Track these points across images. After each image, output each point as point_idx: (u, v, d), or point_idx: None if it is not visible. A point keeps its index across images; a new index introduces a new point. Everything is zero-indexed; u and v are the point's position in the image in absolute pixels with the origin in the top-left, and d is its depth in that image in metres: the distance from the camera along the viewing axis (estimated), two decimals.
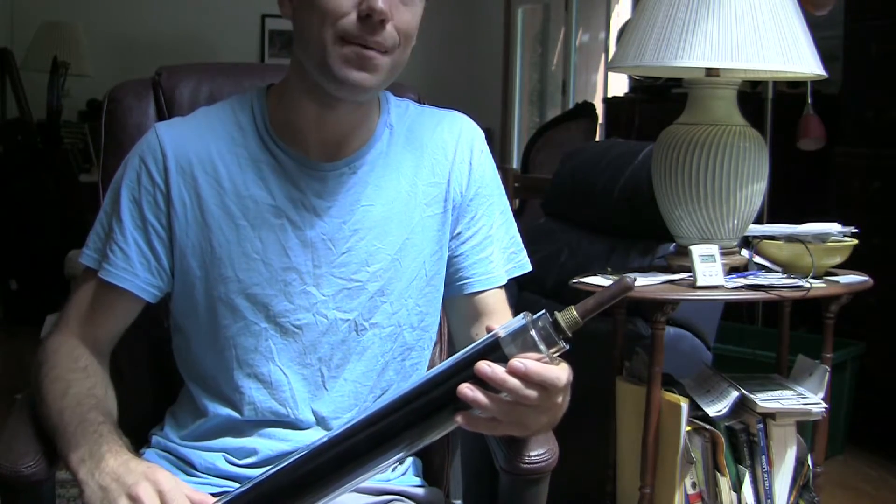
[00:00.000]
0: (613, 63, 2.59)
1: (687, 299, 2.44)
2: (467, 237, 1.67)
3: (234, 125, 1.61)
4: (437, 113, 1.72)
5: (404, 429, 1.29)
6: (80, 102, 7.21)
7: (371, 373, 1.63)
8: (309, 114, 1.57)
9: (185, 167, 1.57)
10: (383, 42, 1.47)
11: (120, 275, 1.57)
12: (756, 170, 2.48)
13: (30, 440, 1.51)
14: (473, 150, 1.69)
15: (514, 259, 1.73)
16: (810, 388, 2.56)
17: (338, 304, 1.59)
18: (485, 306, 1.68)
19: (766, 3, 2.35)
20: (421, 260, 1.63)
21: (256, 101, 1.63)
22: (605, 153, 3.50)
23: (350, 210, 1.59)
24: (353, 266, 1.59)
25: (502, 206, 1.72)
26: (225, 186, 1.57)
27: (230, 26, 7.75)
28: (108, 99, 1.96)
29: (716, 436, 2.45)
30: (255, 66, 5.08)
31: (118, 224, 1.58)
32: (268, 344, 1.58)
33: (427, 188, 1.64)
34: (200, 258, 1.57)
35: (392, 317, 1.62)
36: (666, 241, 2.79)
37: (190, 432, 1.65)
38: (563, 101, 7.03)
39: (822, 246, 2.53)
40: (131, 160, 1.60)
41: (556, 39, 7.38)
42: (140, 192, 1.58)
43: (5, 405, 4.16)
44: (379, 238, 1.60)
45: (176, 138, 1.59)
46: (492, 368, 1.22)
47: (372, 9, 1.43)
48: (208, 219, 1.57)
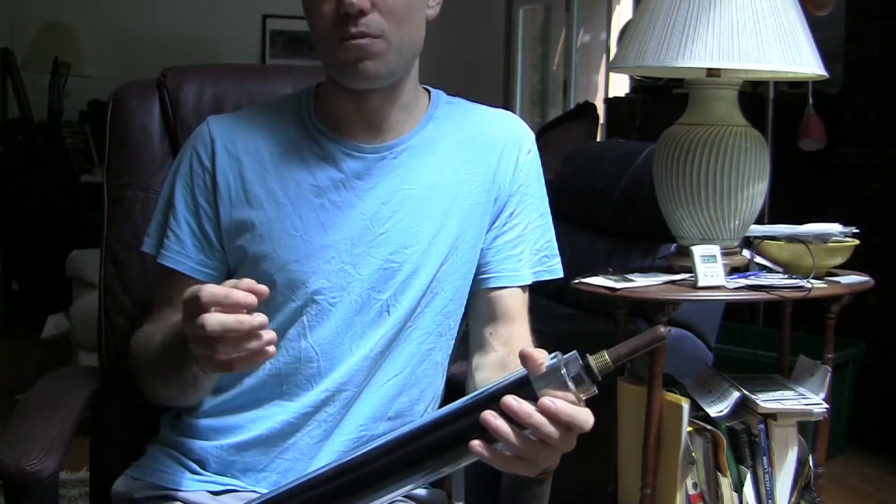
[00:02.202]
0: (614, 63, 2.59)
1: (688, 300, 2.44)
2: (502, 232, 1.70)
3: (280, 116, 1.69)
4: (489, 110, 1.76)
5: (423, 458, 1.28)
6: (81, 103, 7.22)
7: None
8: (347, 105, 1.63)
9: (230, 151, 1.64)
10: (367, 30, 1.52)
11: (175, 258, 1.63)
12: (757, 170, 2.48)
13: (33, 439, 1.51)
14: (522, 149, 1.72)
15: (545, 262, 1.73)
16: (811, 388, 2.56)
17: (373, 283, 1.61)
18: (504, 307, 1.69)
19: (767, 4, 2.35)
20: (456, 245, 1.65)
21: (304, 97, 1.70)
22: (606, 153, 3.51)
23: (391, 192, 1.63)
24: (391, 247, 1.61)
25: (542, 209, 1.75)
26: (268, 168, 1.62)
27: (231, 27, 7.75)
28: (113, 99, 1.97)
29: (717, 436, 2.45)
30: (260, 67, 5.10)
31: (172, 210, 1.64)
32: (301, 320, 1.61)
33: (471, 178, 1.67)
34: (244, 236, 1.61)
35: (421, 300, 1.63)
36: (667, 241, 2.79)
37: (208, 408, 1.65)
38: (564, 101, 7.03)
39: (824, 246, 2.54)
40: (185, 150, 1.68)
41: (557, 40, 7.38)
42: (192, 177, 1.64)
43: (7, 405, 4.16)
44: (418, 221, 1.63)
45: (225, 126, 1.67)
46: (518, 403, 1.20)
47: (343, 4, 1.50)
48: (251, 198, 1.61)
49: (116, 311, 1.92)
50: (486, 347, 1.68)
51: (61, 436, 1.57)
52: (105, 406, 1.88)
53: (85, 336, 4.17)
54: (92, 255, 4.19)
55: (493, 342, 1.68)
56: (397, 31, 1.54)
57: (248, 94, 1.98)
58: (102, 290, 1.93)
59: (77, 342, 4.38)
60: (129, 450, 1.74)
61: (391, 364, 1.64)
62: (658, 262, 2.91)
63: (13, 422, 1.60)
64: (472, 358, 1.71)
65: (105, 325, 1.93)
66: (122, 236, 1.92)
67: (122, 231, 1.92)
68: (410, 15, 1.56)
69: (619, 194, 3.28)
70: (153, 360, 1.53)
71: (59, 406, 1.68)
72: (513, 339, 1.67)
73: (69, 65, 6.86)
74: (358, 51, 1.53)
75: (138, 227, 1.89)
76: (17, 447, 1.50)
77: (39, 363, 4.90)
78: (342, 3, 1.50)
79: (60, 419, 1.62)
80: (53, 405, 1.68)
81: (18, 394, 3.81)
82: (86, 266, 4.50)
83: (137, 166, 1.95)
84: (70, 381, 1.87)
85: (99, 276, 1.95)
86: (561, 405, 1.20)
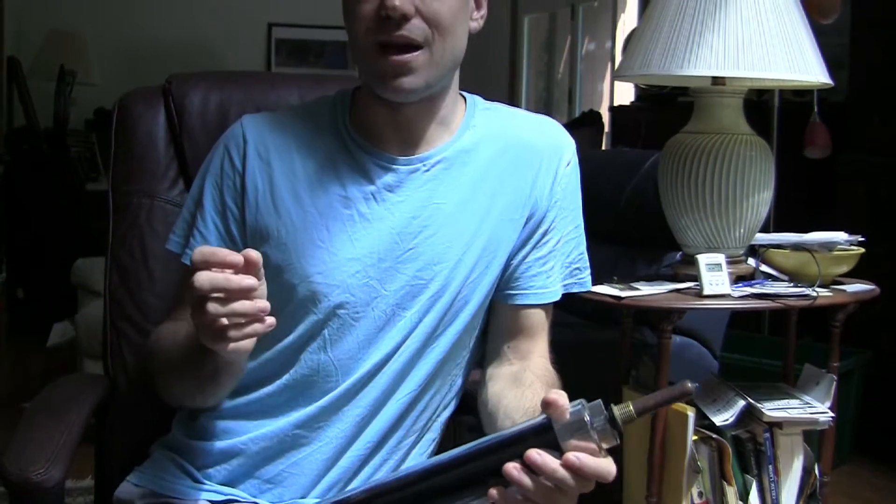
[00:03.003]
0: (619, 72, 2.59)
1: (693, 308, 2.43)
2: (534, 247, 1.65)
3: (315, 120, 1.65)
4: (528, 117, 1.71)
5: (439, 494, 1.27)
6: (87, 111, 7.22)
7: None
8: (382, 115, 1.59)
9: (262, 154, 1.61)
10: (409, 36, 1.48)
11: None
12: (762, 178, 2.48)
13: (39, 448, 1.51)
14: (561, 161, 1.67)
15: (576, 275, 1.70)
16: (817, 397, 2.55)
17: (398, 300, 1.58)
18: (527, 322, 1.66)
19: (771, 12, 2.35)
20: (485, 263, 1.61)
21: (340, 100, 1.66)
22: (612, 161, 3.51)
23: (421, 206, 1.59)
24: (419, 263, 1.58)
25: (577, 221, 1.70)
26: (298, 174, 1.59)
27: (237, 35, 7.76)
28: (118, 107, 1.96)
29: (722, 445, 2.45)
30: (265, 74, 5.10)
31: (200, 210, 1.62)
32: (323, 333, 1.58)
33: (507, 192, 1.62)
34: (268, 243, 1.58)
35: (445, 315, 1.60)
36: (672, 249, 2.79)
37: (224, 409, 1.63)
38: (570, 109, 7.03)
39: (829, 255, 2.53)
40: (217, 149, 1.65)
41: (563, 48, 7.39)
42: (222, 177, 1.61)
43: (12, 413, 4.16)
44: (448, 237, 1.59)
45: (258, 127, 1.63)
46: (542, 458, 1.19)
47: (386, 7, 1.46)
48: (279, 204, 1.58)
49: (122, 319, 1.91)
50: (502, 359, 1.66)
51: (67, 445, 1.56)
52: (110, 414, 1.88)
53: (90, 344, 4.17)
54: (97, 263, 4.19)
55: (510, 355, 1.66)
56: (440, 41, 1.51)
57: (254, 102, 1.97)
58: (108, 297, 1.93)
59: (82, 350, 4.39)
60: (133, 458, 1.74)
61: (408, 382, 1.61)
62: (663, 271, 2.90)
63: (19, 430, 1.60)
64: (486, 368, 1.68)
65: (110, 333, 1.92)
66: (127, 244, 1.92)
67: (127, 238, 1.92)
68: (454, 25, 1.52)
69: (624, 202, 3.28)
70: (174, 356, 1.51)
71: (64, 414, 1.67)
72: (530, 354, 1.65)
73: (75, 73, 6.87)
74: (399, 66, 1.49)
75: (144, 235, 1.90)
76: (23, 456, 1.50)
77: (45, 371, 4.91)
78: (384, 5, 1.46)
79: (66, 428, 1.61)
80: (59, 413, 1.67)
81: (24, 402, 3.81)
82: (91, 274, 4.50)
83: (143, 173, 1.94)
84: (75, 389, 1.86)
85: (104, 283, 1.94)
86: (585, 460, 1.19)
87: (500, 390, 1.58)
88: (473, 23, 1.60)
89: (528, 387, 1.55)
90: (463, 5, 1.54)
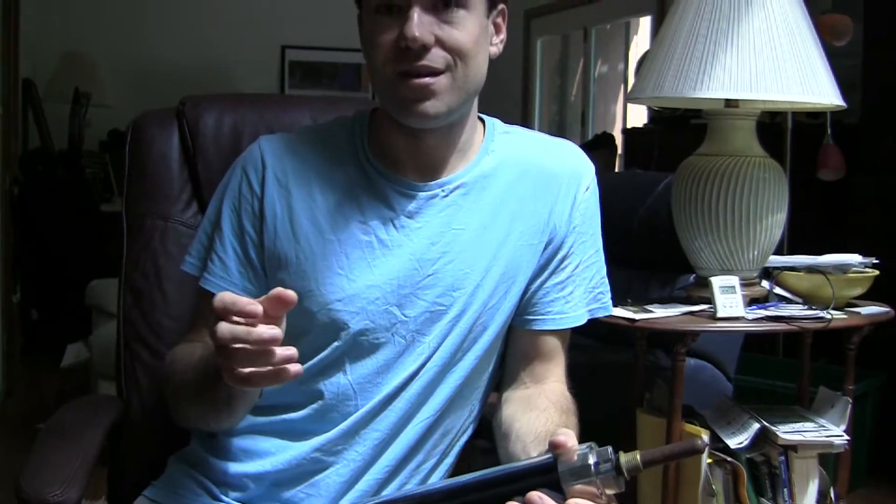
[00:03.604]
0: (633, 94, 2.59)
1: (707, 330, 2.43)
2: (554, 273, 1.64)
3: (333, 144, 1.63)
4: (548, 141, 1.71)
5: None
6: (102, 132, 7.26)
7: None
8: (401, 141, 1.58)
9: (281, 179, 1.59)
10: (431, 65, 1.48)
11: (218, 283, 1.59)
12: (776, 200, 2.47)
13: (55, 470, 1.51)
14: (580, 186, 1.66)
15: (600, 299, 1.70)
16: (832, 419, 2.55)
17: (418, 326, 1.57)
18: (544, 347, 1.66)
19: (784, 34, 2.35)
20: (504, 289, 1.60)
21: (358, 124, 1.65)
22: (625, 184, 3.51)
23: (440, 232, 1.58)
24: (439, 289, 1.57)
25: (597, 245, 1.69)
26: (317, 200, 1.58)
27: (250, 57, 7.78)
28: (132, 129, 1.97)
29: (737, 468, 2.44)
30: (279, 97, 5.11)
31: (218, 233, 1.61)
32: (343, 359, 1.57)
33: (526, 217, 1.62)
34: (286, 270, 1.57)
35: (464, 341, 1.59)
36: (686, 272, 2.78)
37: (243, 427, 1.62)
38: (583, 131, 7.03)
39: (843, 277, 2.53)
40: (234, 171, 1.63)
41: (575, 70, 7.39)
42: (240, 201, 1.60)
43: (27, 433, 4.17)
44: (467, 263, 1.58)
45: (277, 150, 1.62)
46: (542, 501, 1.18)
47: (406, 38, 1.45)
48: (297, 231, 1.57)
49: (135, 341, 1.91)
50: (518, 383, 1.66)
51: (83, 466, 1.57)
52: (123, 435, 1.88)
53: (104, 365, 4.18)
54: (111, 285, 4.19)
55: (526, 379, 1.66)
56: (462, 67, 1.50)
57: (267, 124, 1.98)
58: (121, 319, 1.94)
59: (97, 371, 4.40)
60: (147, 478, 1.74)
61: (427, 406, 1.60)
62: (677, 293, 2.90)
63: (34, 452, 1.60)
64: (502, 391, 1.68)
65: (124, 354, 1.92)
66: (141, 265, 1.92)
67: (140, 260, 1.93)
68: (475, 52, 1.51)
69: (637, 225, 3.28)
70: (189, 379, 1.51)
71: (79, 436, 1.67)
72: (546, 378, 1.65)
73: (90, 95, 6.91)
74: (420, 90, 1.48)
75: (157, 256, 1.90)
76: (40, 478, 1.50)
77: (59, 392, 4.91)
78: (403, 37, 1.45)
79: (81, 449, 1.62)
80: (74, 435, 1.68)
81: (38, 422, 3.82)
82: (105, 295, 4.51)
83: (156, 195, 1.95)
84: (90, 410, 1.87)
85: (118, 305, 1.95)
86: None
87: (513, 413, 1.58)
88: (493, 48, 1.59)
89: (541, 411, 1.55)
90: (483, 31, 1.53)
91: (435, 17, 1.47)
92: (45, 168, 6.50)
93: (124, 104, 6.81)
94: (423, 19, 1.46)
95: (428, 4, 1.47)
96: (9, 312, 5.30)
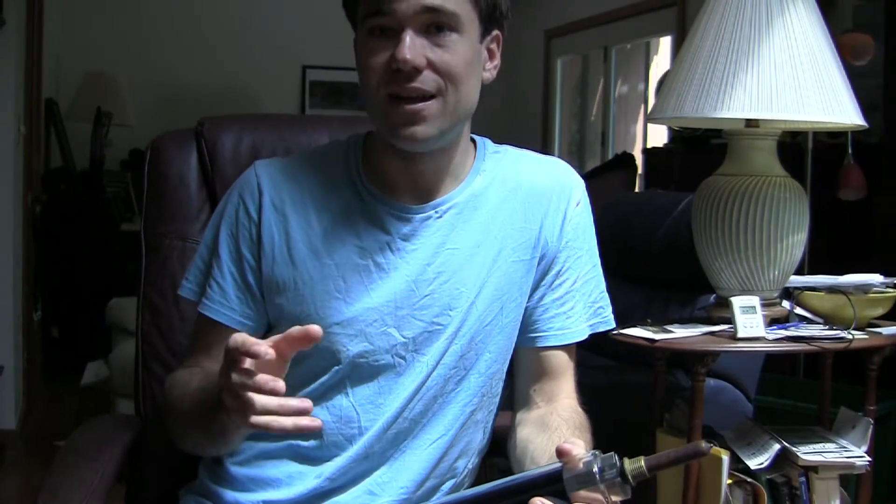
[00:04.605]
0: (653, 114, 2.59)
1: (727, 351, 2.42)
2: (551, 289, 1.66)
3: (328, 169, 1.64)
4: (537, 159, 1.71)
5: None
6: (123, 152, 7.30)
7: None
8: (395, 164, 1.59)
9: (277, 205, 1.60)
10: (421, 87, 1.48)
11: (217, 309, 1.61)
12: (796, 220, 2.47)
13: (74, 487, 1.52)
14: (570, 200, 1.67)
15: (600, 314, 1.70)
16: (853, 440, 2.53)
17: (417, 346, 1.58)
18: (550, 365, 1.67)
19: (805, 54, 2.35)
20: (499, 305, 1.61)
21: (352, 147, 1.66)
22: (645, 204, 3.51)
23: (434, 253, 1.59)
24: (435, 309, 1.58)
25: (594, 260, 1.70)
26: (313, 225, 1.59)
27: (271, 77, 7.82)
28: (151, 149, 1.98)
29: (757, 489, 2.42)
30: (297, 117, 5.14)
31: (216, 259, 1.62)
32: (344, 382, 1.58)
33: (517, 233, 1.63)
34: (284, 295, 1.59)
35: (462, 360, 1.61)
36: (706, 292, 2.77)
37: (248, 455, 1.63)
38: (603, 151, 7.03)
39: (864, 297, 2.51)
40: (231, 196, 1.64)
41: (596, 90, 7.40)
42: (238, 227, 1.61)
43: (47, 451, 4.18)
44: (462, 282, 1.59)
45: (273, 176, 1.63)
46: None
47: (397, 60, 1.46)
48: (295, 256, 1.59)
49: (153, 359, 1.92)
50: (530, 404, 1.67)
51: (101, 485, 1.58)
52: (142, 454, 1.88)
53: (124, 383, 4.18)
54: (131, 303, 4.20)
55: (537, 398, 1.66)
56: (453, 91, 1.50)
57: (285, 144, 1.99)
58: (140, 338, 1.94)
59: (116, 389, 4.41)
60: (164, 498, 1.74)
61: (434, 426, 1.61)
62: (697, 313, 2.89)
63: (54, 470, 1.61)
64: (515, 412, 1.68)
65: (142, 373, 1.93)
66: (159, 285, 1.93)
67: (159, 280, 1.93)
68: (467, 76, 1.52)
69: (657, 245, 3.28)
70: (186, 406, 1.52)
71: (98, 454, 1.68)
72: (557, 396, 1.65)
73: (111, 115, 6.95)
74: (411, 115, 1.49)
75: (175, 276, 1.90)
76: (59, 496, 1.51)
77: (79, 410, 4.93)
78: (395, 59, 1.46)
79: (100, 467, 1.62)
80: (93, 453, 1.68)
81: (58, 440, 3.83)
82: (125, 314, 4.53)
83: (175, 215, 1.96)
84: (108, 429, 1.88)
85: (136, 324, 1.95)
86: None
87: (527, 435, 1.59)
88: (486, 73, 1.60)
89: (554, 430, 1.55)
90: (475, 56, 1.54)
91: (427, 39, 1.48)
92: (66, 187, 6.53)
93: (146, 124, 6.84)
94: (415, 42, 1.47)
95: (420, 27, 1.48)
96: (29, 330, 5.33)
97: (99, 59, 7.30)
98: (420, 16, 1.47)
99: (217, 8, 7.73)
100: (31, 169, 5.43)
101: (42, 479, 1.57)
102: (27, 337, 5.22)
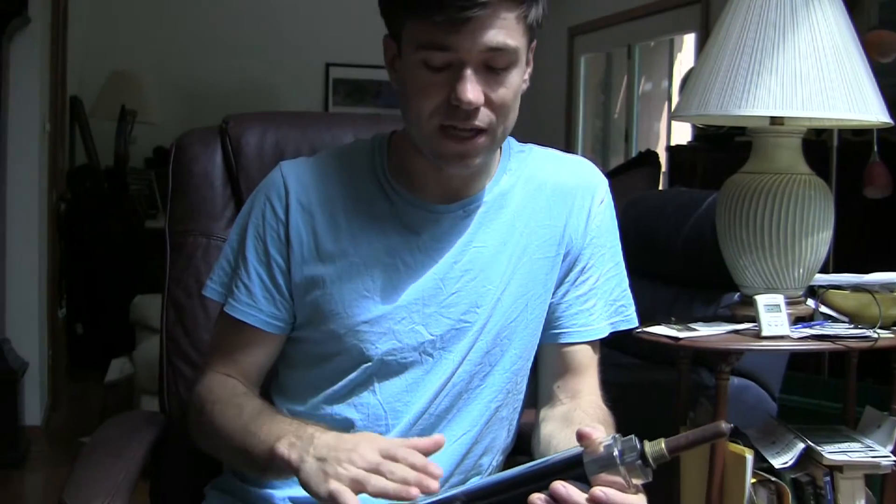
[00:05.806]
0: (677, 112, 2.58)
1: (752, 349, 2.41)
2: (574, 286, 1.67)
3: (354, 169, 1.64)
4: (561, 157, 1.72)
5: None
6: (147, 149, 7.33)
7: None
8: (425, 168, 1.59)
9: (304, 205, 1.61)
10: (478, 125, 1.49)
11: (244, 310, 1.61)
12: (821, 219, 2.46)
13: (99, 483, 1.52)
14: (594, 198, 1.68)
15: (622, 312, 1.71)
16: (878, 440, 2.52)
17: (444, 343, 1.59)
18: (574, 361, 1.67)
19: (830, 51, 2.34)
20: (524, 302, 1.62)
21: (378, 147, 1.66)
22: (669, 202, 3.50)
23: (462, 251, 1.60)
24: (463, 306, 1.59)
25: (616, 258, 1.71)
26: (341, 225, 1.60)
27: (295, 75, 7.83)
28: (176, 146, 1.98)
29: (781, 488, 2.42)
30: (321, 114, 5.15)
31: (243, 260, 1.62)
32: (372, 379, 1.59)
33: (542, 231, 1.64)
34: (313, 294, 1.59)
35: (488, 356, 1.61)
36: (730, 290, 2.77)
37: None
38: (626, 148, 7.01)
39: (890, 295, 2.50)
40: (257, 197, 1.64)
41: (619, 87, 7.38)
42: (265, 228, 1.61)
43: (71, 447, 4.20)
44: (489, 279, 1.60)
45: (299, 176, 1.63)
46: (567, 491, 1.20)
47: (460, 100, 1.45)
48: (323, 256, 1.59)
49: (178, 357, 1.93)
50: (553, 400, 1.67)
51: (126, 481, 1.58)
52: (166, 451, 1.89)
53: (148, 380, 4.21)
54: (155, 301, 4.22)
55: (560, 395, 1.67)
56: (502, 124, 1.51)
57: (310, 142, 1.99)
58: (164, 335, 1.95)
59: (140, 386, 4.43)
60: (189, 495, 1.75)
61: (459, 423, 1.61)
62: (721, 312, 2.88)
63: (78, 466, 1.61)
64: (539, 409, 1.69)
65: (167, 370, 1.94)
66: (183, 282, 1.94)
67: (183, 277, 1.94)
68: (515, 104, 1.52)
69: (681, 243, 3.27)
70: (231, 436, 1.51)
71: (122, 451, 1.69)
72: (580, 392, 1.66)
73: (135, 112, 6.97)
74: (463, 151, 1.50)
75: (200, 274, 1.91)
76: (84, 492, 1.51)
77: (103, 407, 4.96)
78: (459, 99, 1.44)
79: (125, 464, 1.63)
80: (117, 449, 1.69)
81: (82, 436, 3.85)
82: (149, 311, 4.55)
83: (199, 213, 1.96)
84: (133, 425, 1.88)
85: (161, 321, 1.96)
86: (612, 495, 1.20)
87: (551, 431, 1.59)
88: (524, 84, 1.58)
89: (577, 426, 1.54)
90: (521, 77, 1.54)
91: (485, 75, 1.47)
92: (91, 184, 6.56)
93: (170, 121, 6.87)
94: (475, 80, 1.46)
95: (480, 65, 1.46)
96: (54, 327, 5.35)
97: (123, 57, 7.32)
98: (483, 54, 1.45)
99: (241, 6, 7.75)
100: (56, 166, 5.46)
101: (67, 476, 1.58)
102: (52, 334, 5.25)
